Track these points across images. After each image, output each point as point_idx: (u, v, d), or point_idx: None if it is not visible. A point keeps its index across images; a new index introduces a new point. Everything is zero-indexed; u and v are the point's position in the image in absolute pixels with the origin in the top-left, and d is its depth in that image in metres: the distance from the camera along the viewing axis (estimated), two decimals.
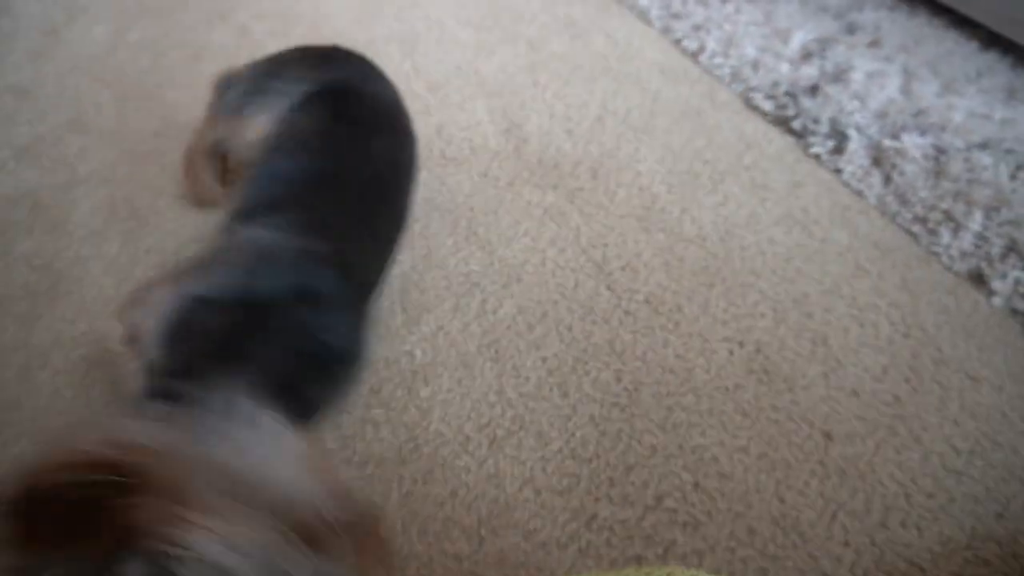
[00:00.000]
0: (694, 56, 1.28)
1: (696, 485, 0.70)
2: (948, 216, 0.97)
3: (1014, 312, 0.87)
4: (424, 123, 1.09)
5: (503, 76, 1.20)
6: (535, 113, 1.13)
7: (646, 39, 1.32)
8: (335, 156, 0.74)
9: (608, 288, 0.88)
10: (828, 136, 1.09)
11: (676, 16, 1.36)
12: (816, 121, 1.12)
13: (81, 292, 0.82)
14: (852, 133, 1.08)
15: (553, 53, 1.26)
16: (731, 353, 0.82)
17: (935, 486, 0.71)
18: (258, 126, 0.78)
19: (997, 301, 0.88)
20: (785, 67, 1.22)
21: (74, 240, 0.87)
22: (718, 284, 0.89)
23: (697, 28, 1.32)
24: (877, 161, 1.05)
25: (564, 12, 1.37)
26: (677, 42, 1.32)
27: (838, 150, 1.07)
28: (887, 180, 1.03)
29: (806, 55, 1.25)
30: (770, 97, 1.17)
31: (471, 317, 0.83)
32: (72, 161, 0.98)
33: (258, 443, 0.45)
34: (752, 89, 1.19)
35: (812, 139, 1.10)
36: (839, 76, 1.20)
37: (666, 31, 1.34)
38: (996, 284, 0.89)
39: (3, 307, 0.80)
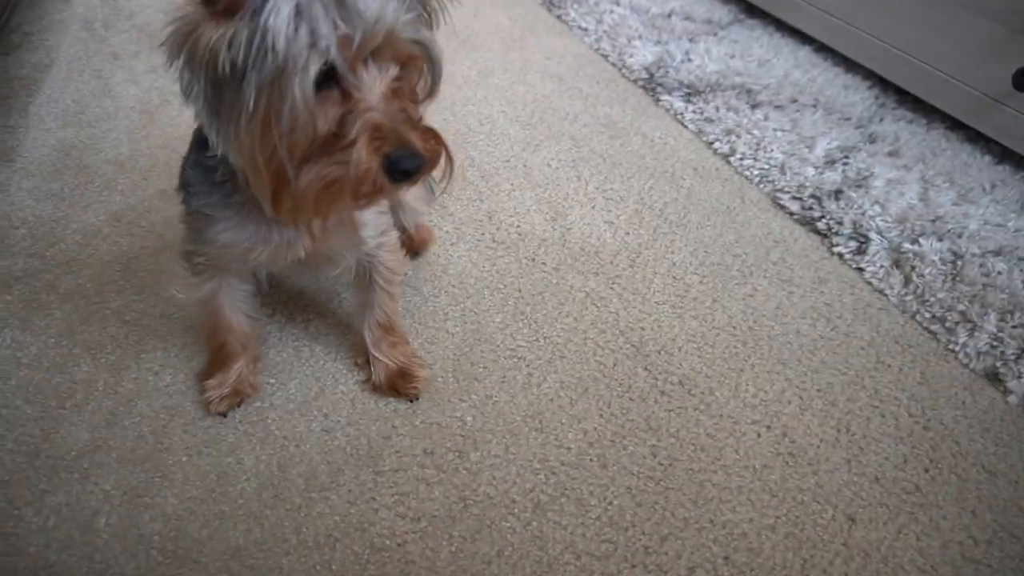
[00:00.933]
0: (725, 158, 1.39)
1: (727, 559, 0.75)
2: (965, 317, 1.03)
3: None
4: (476, 208, 1.19)
5: (548, 169, 1.31)
6: (578, 204, 1.23)
7: (681, 140, 1.43)
8: None
9: (645, 369, 0.94)
10: (851, 237, 1.17)
11: (709, 120, 1.47)
12: (840, 223, 1.20)
13: (166, 347, 0.91)
14: (873, 236, 1.16)
15: (594, 150, 1.37)
16: (759, 435, 0.87)
17: (955, 573, 0.75)
18: None
19: (1013, 399, 0.94)
20: (810, 171, 1.32)
21: (160, 300, 0.96)
22: (747, 370, 0.95)
23: (728, 132, 1.43)
24: (897, 263, 1.13)
25: (604, 113, 1.49)
26: (710, 144, 1.42)
27: (860, 251, 1.15)
28: (907, 281, 1.10)
29: (830, 161, 1.35)
30: (796, 198, 1.26)
31: (517, 389, 0.90)
32: (160, 229, 1.08)
33: None
34: (779, 190, 1.29)
35: (836, 239, 1.18)
36: (861, 182, 1.29)
37: (700, 134, 1.45)
38: (1011, 384, 0.95)
39: (95, 356, 0.89)
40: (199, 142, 0.71)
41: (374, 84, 0.58)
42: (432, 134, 0.62)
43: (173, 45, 0.57)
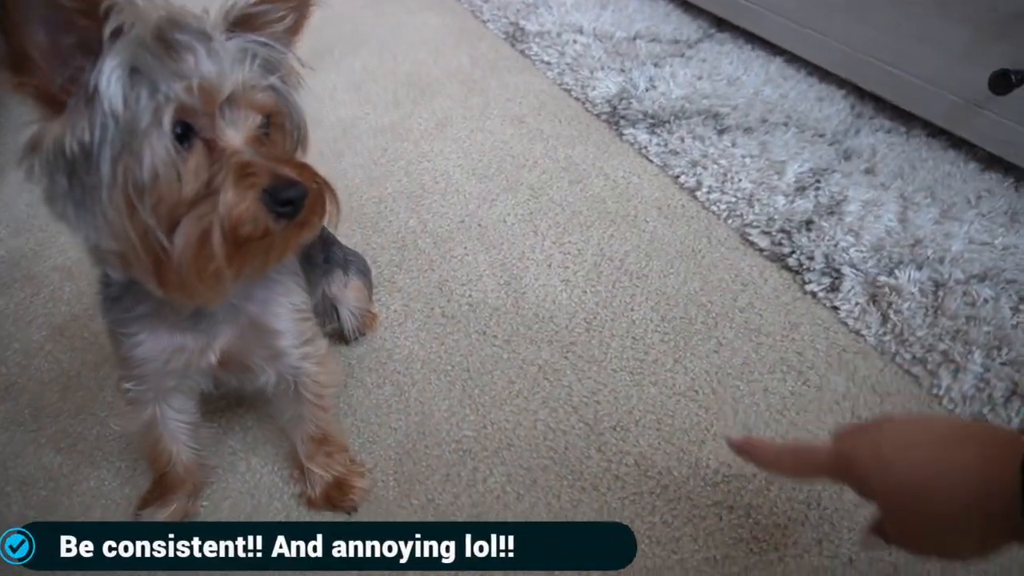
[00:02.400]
0: (691, 192, 1.32)
1: None
2: (947, 357, 0.95)
3: None
4: (427, 280, 1.15)
5: (504, 226, 1.26)
6: (533, 263, 1.17)
7: (644, 177, 1.37)
8: None
9: (598, 450, 0.89)
10: (823, 273, 1.10)
11: (674, 152, 1.41)
12: (811, 258, 1.13)
13: (100, 475, 0.88)
14: (847, 270, 1.09)
15: (552, 199, 1.32)
16: (720, 519, 0.81)
17: None
18: None
19: None
20: (780, 200, 1.25)
21: (96, 421, 0.94)
22: (709, 442, 0.89)
23: (694, 164, 1.37)
24: (874, 298, 1.05)
25: (565, 155, 1.44)
26: (675, 178, 1.36)
27: (834, 288, 1.08)
28: (884, 319, 1.02)
29: (801, 188, 1.27)
30: (765, 233, 1.19)
31: (461, 488, 0.85)
32: (103, 339, 1.06)
33: None
34: (748, 225, 1.22)
35: (808, 276, 1.11)
36: (834, 208, 1.21)
37: (664, 167, 1.39)
38: None
39: (26, 494, 0.86)
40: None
41: (237, 131, 0.56)
42: (308, 169, 0.59)
43: (25, 157, 0.54)
